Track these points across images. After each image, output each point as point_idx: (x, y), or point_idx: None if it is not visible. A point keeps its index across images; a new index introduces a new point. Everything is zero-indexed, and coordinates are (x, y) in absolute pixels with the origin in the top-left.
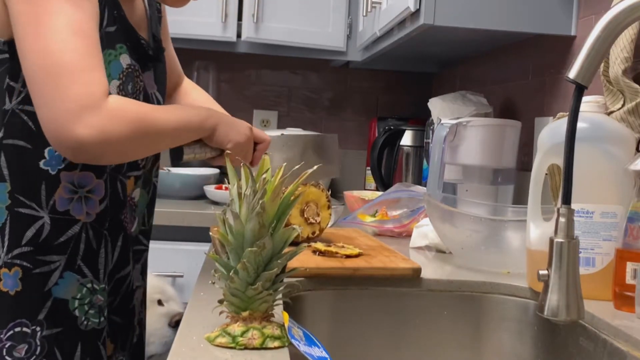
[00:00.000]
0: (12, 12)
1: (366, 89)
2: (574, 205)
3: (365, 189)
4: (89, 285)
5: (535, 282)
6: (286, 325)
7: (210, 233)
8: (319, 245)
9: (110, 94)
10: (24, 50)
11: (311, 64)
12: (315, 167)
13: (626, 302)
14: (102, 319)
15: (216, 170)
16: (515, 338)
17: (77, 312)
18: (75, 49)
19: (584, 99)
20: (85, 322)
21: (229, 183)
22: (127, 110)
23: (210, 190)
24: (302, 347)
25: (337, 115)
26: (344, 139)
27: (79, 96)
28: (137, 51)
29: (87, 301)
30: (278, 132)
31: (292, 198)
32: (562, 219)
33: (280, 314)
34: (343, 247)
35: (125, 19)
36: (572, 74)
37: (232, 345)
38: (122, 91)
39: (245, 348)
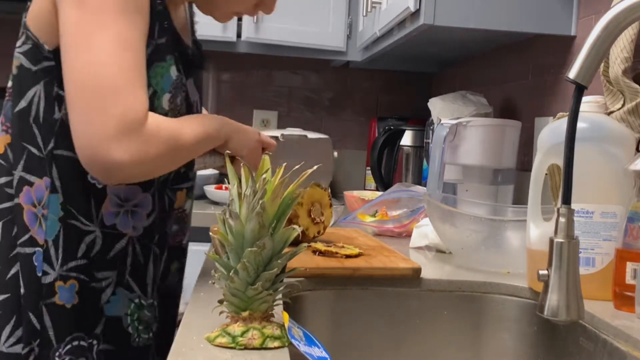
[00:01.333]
0: (62, 18)
1: (366, 89)
2: (574, 205)
3: (365, 189)
4: (137, 300)
5: (535, 282)
6: (286, 325)
7: (210, 233)
8: (319, 245)
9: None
10: (70, 59)
11: (311, 64)
12: (315, 167)
13: (626, 302)
14: (150, 334)
15: (216, 171)
16: (515, 338)
17: (130, 329)
18: (122, 66)
19: (584, 99)
20: (137, 339)
21: (229, 183)
22: (162, 130)
23: (210, 190)
24: (302, 347)
25: (337, 115)
26: (344, 139)
27: (120, 118)
28: (182, 60)
29: (136, 317)
30: (277, 133)
31: (299, 199)
32: (562, 219)
33: (280, 314)
34: (343, 247)
35: (173, 29)
36: (572, 74)
37: (232, 345)
38: (172, 104)
39: (245, 348)
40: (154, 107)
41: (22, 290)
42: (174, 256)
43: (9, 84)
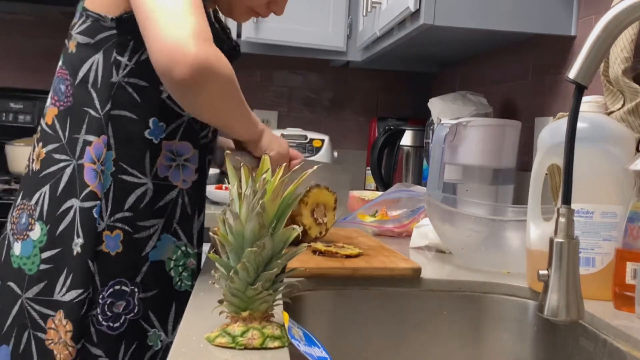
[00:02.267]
0: None
1: (366, 89)
2: (574, 205)
3: (365, 189)
4: (183, 248)
5: (535, 282)
6: (286, 325)
7: (210, 233)
8: (319, 246)
9: None
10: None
11: (311, 64)
12: (315, 167)
13: (626, 302)
14: (194, 282)
15: (216, 170)
16: (515, 338)
17: (172, 273)
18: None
19: (584, 99)
20: (179, 283)
21: (229, 183)
22: (225, 59)
23: (210, 190)
24: (302, 347)
25: (337, 115)
26: (344, 139)
27: (195, 26)
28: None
29: (182, 263)
30: (277, 133)
31: (305, 199)
32: (562, 219)
33: (280, 314)
34: (343, 247)
35: (213, 24)
36: (572, 74)
37: (232, 345)
38: None
39: (245, 348)
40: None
41: (80, 241)
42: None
43: (60, 63)
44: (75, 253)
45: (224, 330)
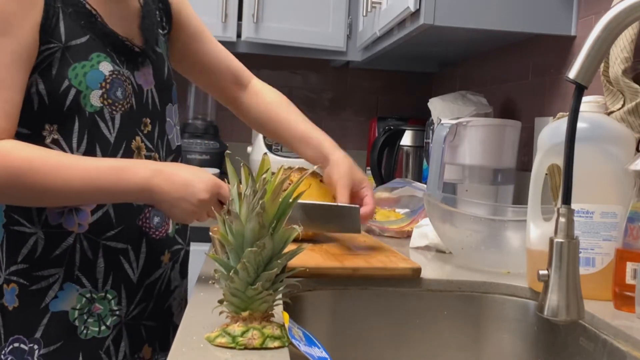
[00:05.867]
0: None
1: (366, 89)
2: (574, 205)
3: None
4: (88, 295)
5: (535, 282)
6: (286, 325)
7: (210, 233)
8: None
9: (7, 137)
10: None
11: (311, 64)
12: (315, 167)
13: (626, 302)
14: (103, 327)
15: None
16: (515, 338)
17: (77, 322)
18: None
19: (584, 99)
20: (84, 332)
21: (229, 183)
22: (9, 158)
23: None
24: (302, 347)
25: (337, 115)
26: (344, 139)
27: None
28: (123, 53)
29: (86, 310)
30: None
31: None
32: (562, 219)
33: (280, 314)
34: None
35: (101, 25)
36: (572, 74)
37: (232, 345)
38: (109, 99)
39: (245, 348)
40: (80, 106)
41: None
42: (160, 248)
43: None
44: None
45: (224, 330)
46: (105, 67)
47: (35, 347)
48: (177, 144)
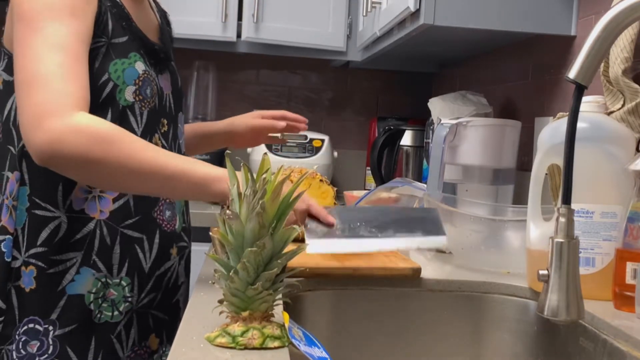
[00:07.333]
0: (14, 32)
1: (366, 89)
2: (574, 205)
3: (365, 189)
4: (103, 279)
5: (535, 282)
6: (286, 325)
7: (210, 233)
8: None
9: (85, 110)
10: (14, 65)
11: (311, 64)
12: (314, 167)
13: (626, 302)
14: (116, 312)
15: None
16: (515, 338)
17: (92, 306)
18: (48, 63)
19: (584, 99)
20: (98, 315)
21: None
22: (93, 127)
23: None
24: (302, 347)
25: (337, 115)
26: (344, 139)
27: (42, 103)
28: (152, 56)
29: (101, 295)
30: (277, 133)
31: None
32: (562, 219)
33: (280, 314)
34: None
35: (136, 29)
36: (572, 74)
37: (232, 345)
38: (140, 95)
39: (245, 348)
40: (115, 99)
41: None
42: (170, 241)
43: None
44: None
45: (224, 330)
46: (140, 66)
47: (50, 328)
48: (184, 151)
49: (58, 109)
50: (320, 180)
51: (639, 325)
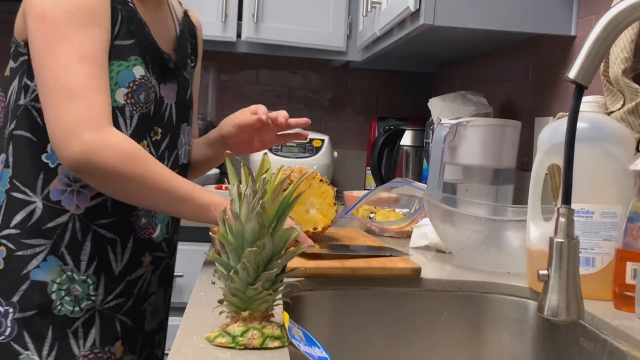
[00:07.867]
0: (28, 27)
1: (366, 89)
2: (574, 205)
3: (365, 189)
4: (69, 273)
5: (535, 282)
6: (286, 325)
7: (210, 233)
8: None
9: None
10: (38, 66)
11: (311, 64)
12: (314, 167)
13: (626, 302)
14: (77, 309)
15: (216, 170)
16: (515, 338)
17: (53, 296)
18: (80, 74)
19: (584, 99)
20: (59, 307)
21: (229, 183)
22: (124, 145)
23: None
24: (302, 347)
25: (337, 115)
26: (344, 139)
27: (77, 114)
28: (158, 64)
29: (65, 287)
30: None
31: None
32: (562, 219)
33: (280, 314)
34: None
35: (147, 35)
36: (572, 74)
37: (232, 345)
38: (132, 99)
39: (245, 348)
40: None
41: None
42: (143, 249)
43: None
44: None
45: (224, 330)
46: (138, 71)
47: (10, 310)
48: (184, 162)
49: (94, 122)
50: (320, 180)
51: (639, 325)
